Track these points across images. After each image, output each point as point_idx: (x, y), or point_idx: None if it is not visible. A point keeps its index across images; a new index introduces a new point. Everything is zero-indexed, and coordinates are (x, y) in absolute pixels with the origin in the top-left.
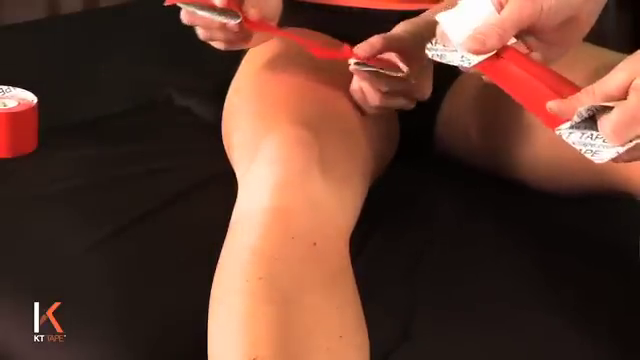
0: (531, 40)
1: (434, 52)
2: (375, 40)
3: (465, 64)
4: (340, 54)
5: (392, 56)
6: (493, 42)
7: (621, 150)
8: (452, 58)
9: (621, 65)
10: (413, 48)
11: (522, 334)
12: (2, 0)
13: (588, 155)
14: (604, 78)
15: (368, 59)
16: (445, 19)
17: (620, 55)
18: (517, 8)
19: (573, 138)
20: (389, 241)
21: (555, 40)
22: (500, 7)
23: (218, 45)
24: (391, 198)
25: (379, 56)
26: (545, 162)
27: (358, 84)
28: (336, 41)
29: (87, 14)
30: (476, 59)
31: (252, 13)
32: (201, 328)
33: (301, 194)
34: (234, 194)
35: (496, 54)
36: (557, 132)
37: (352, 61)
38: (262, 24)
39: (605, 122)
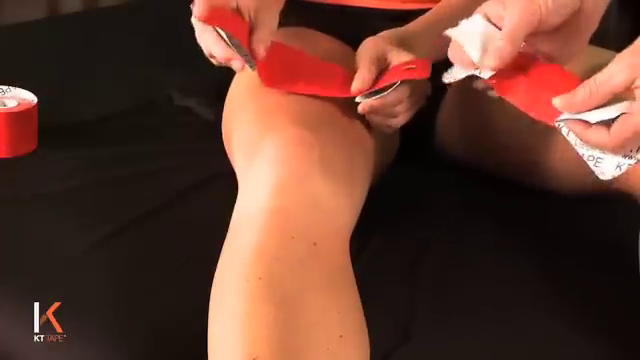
0: (544, 40)
1: (450, 78)
2: (364, 73)
3: (477, 73)
4: (346, 93)
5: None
6: (508, 54)
7: (623, 165)
8: (465, 72)
9: (619, 60)
10: (399, 53)
11: (522, 335)
12: (2, 0)
13: (591, 164)
14: (606, 73)
15: (370, 87)
16: (456, 34)
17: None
18: (517, 14)
19: (573, 137)
20: (389, 241)
21: (567, 35)
22: (501, 21)
23: (212, 60)
24: (391, 198)
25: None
26: (545, 162)
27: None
28: (335, 40)
29: (87, 14)
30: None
31: (261, 52)
32: (201, 328)
33: (301, 194)
34: (234, 194)
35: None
36: (555, 123)
37: (359, 99)
38: (276, 82)
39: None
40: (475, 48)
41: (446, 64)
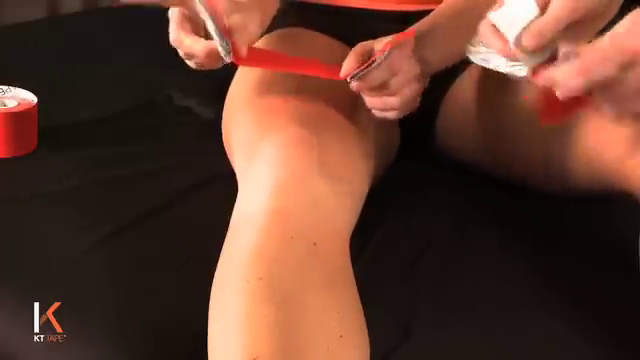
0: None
1: (477, 55)
2: (351, 59)
3: (516, 73)
4: (333, 74)
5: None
6: (549, 37)
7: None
8: (499, 62)
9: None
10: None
11: (522, 335)
12: (2, 0)
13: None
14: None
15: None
16: (497, 17)
17: None
18: (565, 2)
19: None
20: (390, 241)
21: (577, 35)
22: (544, 5)
23: (190, 64)
24: (392, 198)
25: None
26: (545, 162)
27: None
28: (334, 41)
29: (87, 14)
30: (524, 67)
31: (243, 51)
32: (201, 328)
33: (301, 194)
34: (234, 194)
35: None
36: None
37: (348, 80)
38: (252, 60)
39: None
40: (514, 32)
41: (448, 68)
